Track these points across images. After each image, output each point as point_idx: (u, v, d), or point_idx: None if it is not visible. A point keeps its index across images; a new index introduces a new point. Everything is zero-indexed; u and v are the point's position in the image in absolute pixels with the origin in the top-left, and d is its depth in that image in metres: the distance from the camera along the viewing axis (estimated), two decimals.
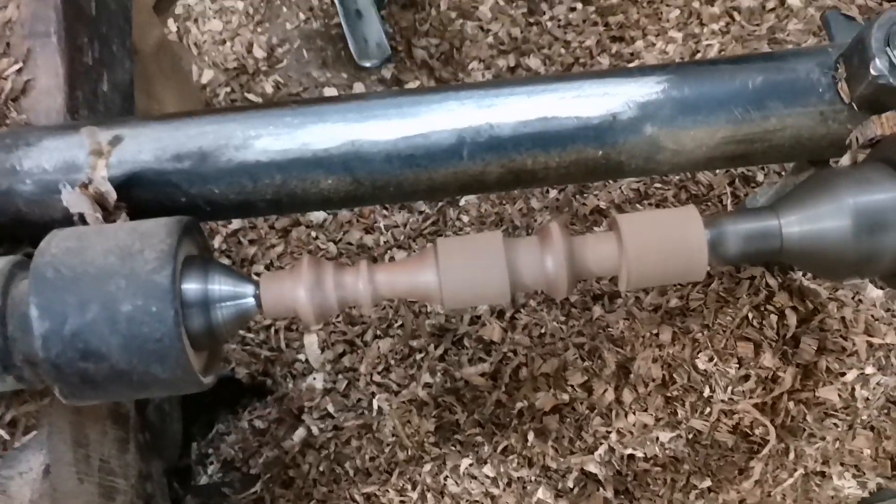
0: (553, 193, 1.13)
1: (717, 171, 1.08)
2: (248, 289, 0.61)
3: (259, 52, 1.39)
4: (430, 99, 0.66)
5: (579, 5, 1.30)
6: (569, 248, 0.61)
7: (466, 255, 0.60)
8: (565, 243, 0.60)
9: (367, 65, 1.33)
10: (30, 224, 0.66)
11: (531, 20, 1.31)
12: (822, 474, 0.98)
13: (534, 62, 1.25)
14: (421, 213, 1.18)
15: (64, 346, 0.55)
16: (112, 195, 0.61)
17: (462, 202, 1.17)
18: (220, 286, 0.60)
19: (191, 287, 0.58)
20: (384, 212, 1.19)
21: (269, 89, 1.29)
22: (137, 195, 0.65)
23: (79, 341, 0.55)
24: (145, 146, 0.65)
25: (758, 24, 1.21)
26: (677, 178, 1.10)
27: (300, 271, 0.60)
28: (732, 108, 0.66)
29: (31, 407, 0.64)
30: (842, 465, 0.97)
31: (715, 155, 0.67)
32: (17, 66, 0.75)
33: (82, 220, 0.62)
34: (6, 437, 0.63)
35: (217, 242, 1.20)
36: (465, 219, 1.16)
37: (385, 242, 1.16)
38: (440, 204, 1.17)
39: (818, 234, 0.60)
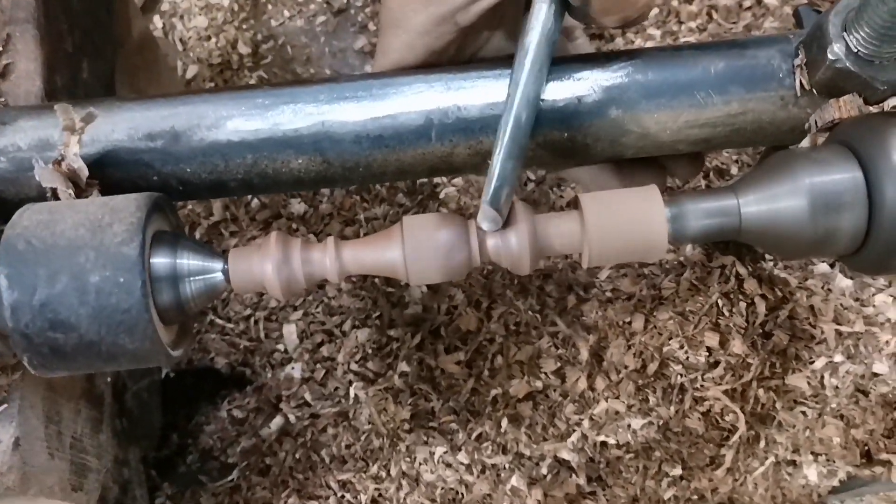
0: (531, 186, 1.15)
1: None
2: (217, 264, 0.62)
3: (244, 49, 1.40)
4: (400, 82, 0.68)
5: None
6: (532, 225, 0.62)
7: (431, 232, 0.61)
8: (529, 221, 0.62)
9: None
10: (4, 202, 0.67)
11: None
12: (793, 463, 0.99)
13: None
14: (401, 206, 1.19)
15: (33, 316, 0.56)
16: (84, 172, 0.63)
17: (442, 195, 1.18)
18: (189, 261, 0.61)
19: (160, 261, 0.60)
20: (364, 204, 1.20)
21: None
22: (110, 174, 0.66)
23: (48, 311, 0.56)
24: (119, 125, 0.66)
25: (735, 23, 1.23)
26: None
27: (268, 247, 0.61)
28: (695, 93, 0.67)
29: (1, 381, 0.65)
30: (812, 453, 0.98)
31: (679, 138, 0.69)
32: None
33: (55, 196, 0.63)
34: None
35: (198, 234, 1.21)
36: (445, 211, 1.17)
37: (366, 235, 1.17)
38: (420, 197, 1.19)
39: (775, 213, 0.61)
